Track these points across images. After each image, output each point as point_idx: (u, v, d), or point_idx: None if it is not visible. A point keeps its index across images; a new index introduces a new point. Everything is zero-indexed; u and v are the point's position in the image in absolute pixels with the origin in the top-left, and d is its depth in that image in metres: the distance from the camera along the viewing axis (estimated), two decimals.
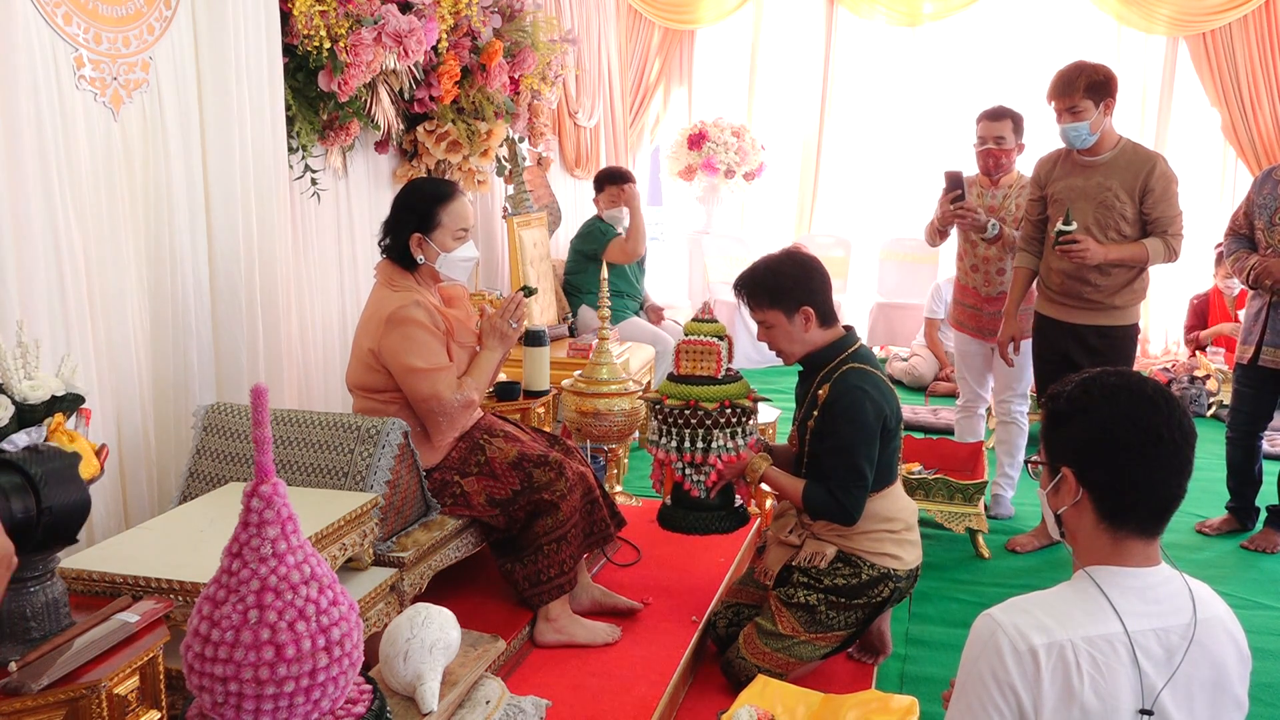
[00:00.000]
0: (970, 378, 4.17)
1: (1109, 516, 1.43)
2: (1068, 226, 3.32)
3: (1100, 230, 3.39)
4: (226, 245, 2.75)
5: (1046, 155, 3.61)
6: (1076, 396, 1.46)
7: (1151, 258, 3.38)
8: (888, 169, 7.40)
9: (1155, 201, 3.35)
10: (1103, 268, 3.39)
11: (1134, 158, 3.39)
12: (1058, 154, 3.56)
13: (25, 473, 1.42)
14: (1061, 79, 3.36)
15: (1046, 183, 3.56)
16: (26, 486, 1.42)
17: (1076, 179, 3.45)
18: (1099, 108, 3.32)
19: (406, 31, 3.23)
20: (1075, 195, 3.43)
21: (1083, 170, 3.44)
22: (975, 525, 3.68)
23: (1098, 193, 3.40)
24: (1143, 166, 3.36)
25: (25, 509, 1.41)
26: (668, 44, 7.41)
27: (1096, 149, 3.40)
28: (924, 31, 7.04)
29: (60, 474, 1.47)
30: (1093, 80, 3.30)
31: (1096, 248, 3.32)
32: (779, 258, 2.66)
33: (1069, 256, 3.34)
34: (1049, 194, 3.55)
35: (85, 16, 2.30)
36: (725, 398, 2.68)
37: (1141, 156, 3.39)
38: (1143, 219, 3.40)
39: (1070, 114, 3.34)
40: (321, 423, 2.40)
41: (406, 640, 1.92)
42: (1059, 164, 3.53)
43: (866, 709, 2.22)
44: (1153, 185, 3.34)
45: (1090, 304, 3.48)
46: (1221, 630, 1.44)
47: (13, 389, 1.82)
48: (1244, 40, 6.42)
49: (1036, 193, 3.61)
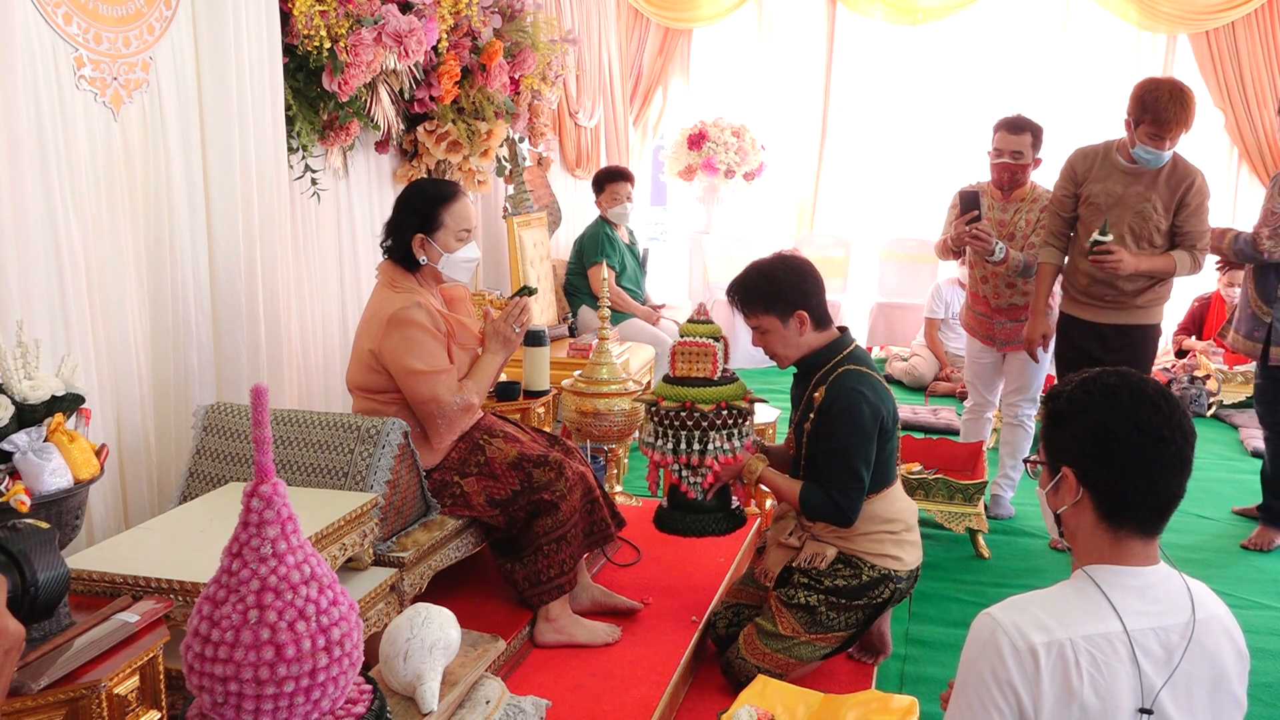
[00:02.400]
0: (980, 384, 4.15)
1: (1109, 516, 1.44)
2: (1103, 237, 3.27)
3: (1134, 239, 3.36)
4: (227, 245, 2.76)
5: (1085, 149, 3.52)
6: (1077, 396, 1.46)
7: (1178, 270, 3.36)
8: (888, 169, 7.39)
9: (1189, 216, 3.33)
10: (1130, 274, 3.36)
11: (1175, 171, 3.35)
12: (1097, 151, 3.48)
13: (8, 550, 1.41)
14: (1185, 109, 3.24)
15: (1083, 181, 3.48)
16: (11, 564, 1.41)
17: (1116, 184, 3.39)
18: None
19: (407, 31, 3.23)
20: (1113, 202, 3.38)
21: (1124, 176, 3.38)
22: (975, 525, 3.68)
23: (1136, 202, 3.35)
24: (1182, 181, 3.33)
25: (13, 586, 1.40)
26: (668, 43, 7.41)
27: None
28: (924, 30, 7.03)
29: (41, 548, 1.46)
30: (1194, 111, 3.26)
31: (1129, 259, 3.29)
32: (772, 262, 2.65)
33: (1102, 267, 3.30)
34: (1083, 193, 3.48)
35: (85, 16, 2.30)
36: (721, 399, 2.68)
37: (1182, 171, 3.35)
38: (1173, 231, 3.37)
39: (1167, 141, 3.27)
40: (321, 423, 2.40)
41: (406, 640, 1.92)
42: (1098, 163, 3.45)
43: (866, 709, 2.22)
44: (1189, 200, 3.32)
45: (1114, 304, 3.47)
46: (1220, 629, 1.44)
47: (13, 389, 1.82)
48: (1247, 39, 6.40)
49: (1070, 189, 3.53)
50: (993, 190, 3.89)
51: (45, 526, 1.49)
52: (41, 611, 1.46)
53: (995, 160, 3.81)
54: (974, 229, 3.70)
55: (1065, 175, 3.56)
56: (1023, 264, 3.75)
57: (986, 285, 3.93)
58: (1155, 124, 3.25)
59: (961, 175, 5.23)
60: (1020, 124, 3.78)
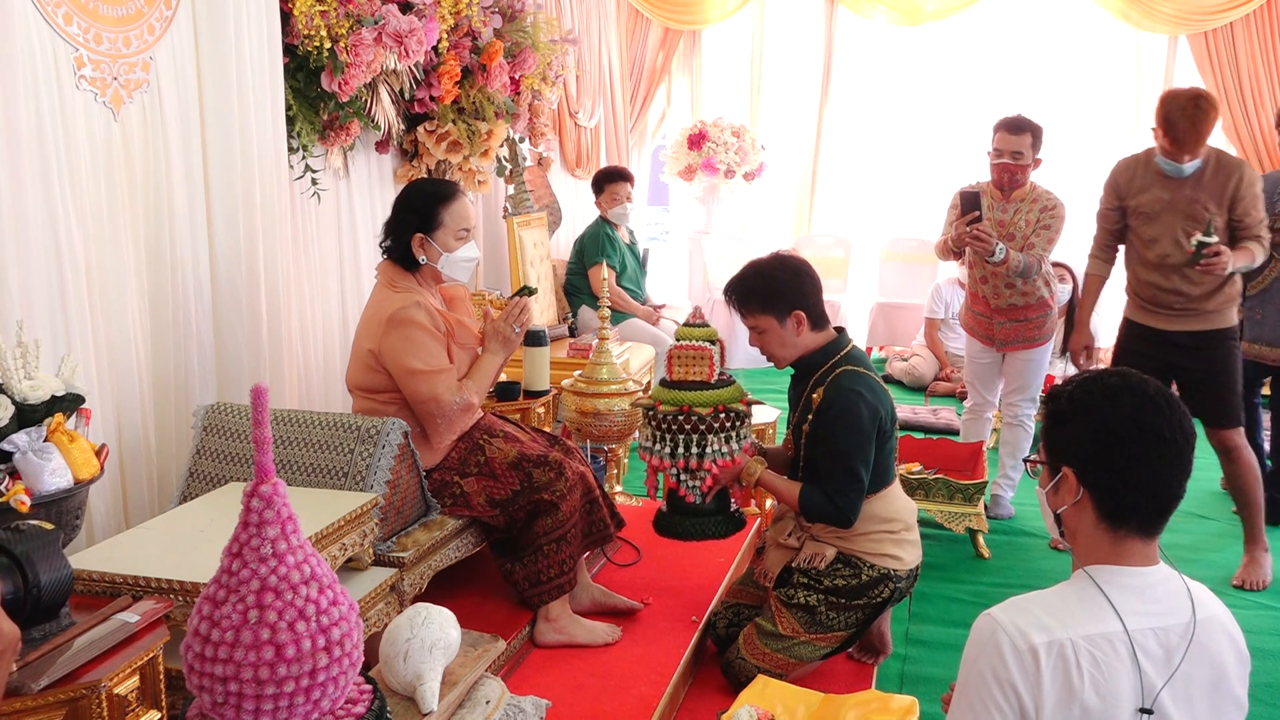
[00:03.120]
0: (979, 384, 4.14)
1: (1109, 516, 1.44)
2: (1208, 238, 3.21)
3: (1189, 240, 3.30)
4: (227, 245, 2.76)
5: (1126, 161, 3.51)
6: (1077, 396, 1.47)
7: (1256, 259, 3.34)
8: (888, 169, 7.39)
9: (1246, 208, 3.31)
10: (1189, 275, 3.33)
11: (1219, 168, 3.32)
12: (1137, 160, 3.46)
13: (10, 552, 1.41)
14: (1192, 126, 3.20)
15: (1127, 194, 3.47)
16: (13, 566, 1.40)
17: (1161, 190, 3.37)
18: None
19: (407, 31, 3.23)
20: (1162, 208, 3.36)
21: (1168, 181, 3.36)
22: (975, 525, 3.68)
23: (1186, 205, 3.32)
24: (1230, 176, 3.31)
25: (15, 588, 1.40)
26: (668, 44, 7.41)
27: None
28: (924, 30, 7.03)
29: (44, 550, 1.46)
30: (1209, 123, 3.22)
31: (1229, 255, 3.22)
32: (769, 262, 2.64)
33: (1210, 271, 3.24)
34: (1130, 205, 3.45)
35: (85, 16, 2.30)
36: (719, 402, 2.67)
37: (1226, 166, 3.33)
38: (1231, 225, 3.34)
39: (1176, 155, 3.25)
40: (321, 423, 2.40)
41: (406, 640, 1.92)
42: (1140, 172, 3.43)
43: (866, 709, 2.22)
44: (1242, 193, 3.30)
45: (1184, 311, 3.42)
46: (1220, 630, 1.44)
47: (13, 389, 1.82)
48: (1246, 39, 6.39)
49: (1114, 202, 3.52)
50: (992, 190, 3.86)
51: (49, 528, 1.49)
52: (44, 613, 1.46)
53: (995, 160, 3.79)
54: (975, 230, 3.67)
55: (1109, 189, 3.55)
56: (1023, 265, 3.72)
57: (986, 285, 3.92)
58: (1169, 139, 3.25)
59: (961, 175, 5.22)
60: (1020, 124, 3.76)
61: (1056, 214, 3.76)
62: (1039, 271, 3.79)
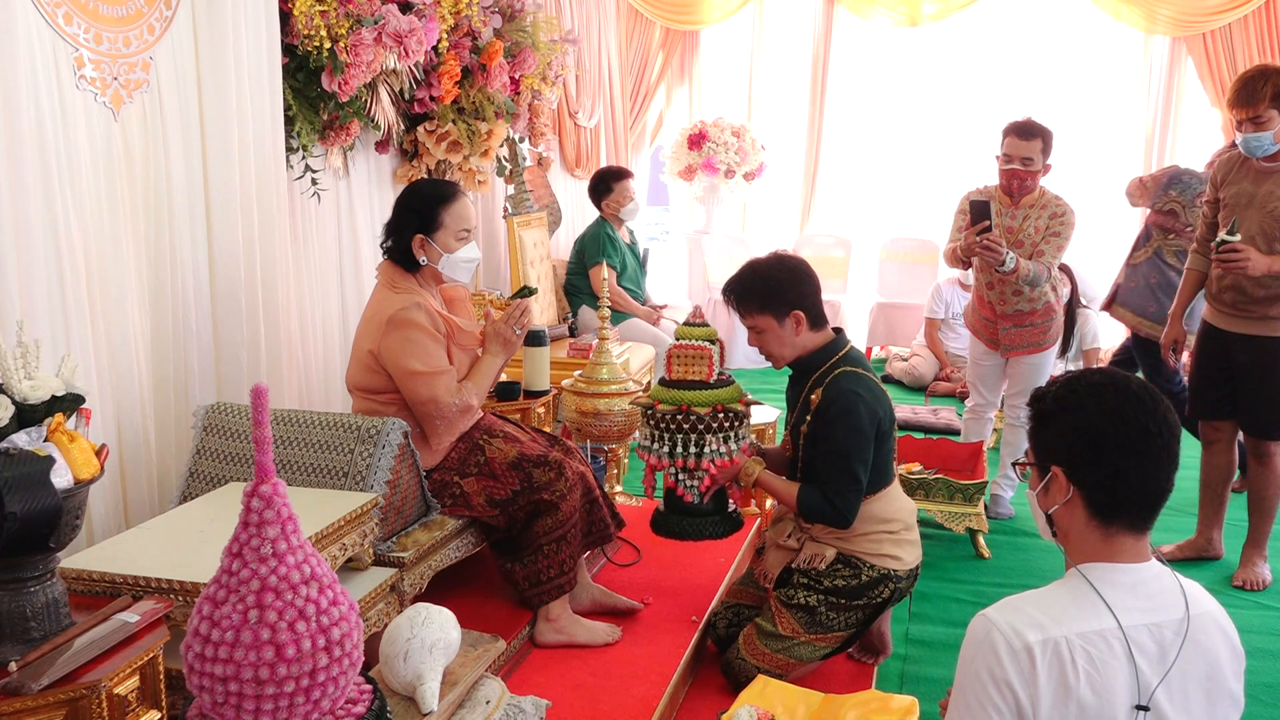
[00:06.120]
0: (982, 385, 4.12)
1: (1100, 513, 1.45)
2: (1230, 236, 3.14)
3: (1265, 240, 3.18)
4: (227, 245, 2.76)
5: (1227, 155, 3.42)
6: (1063, 395, 1.49)
7: None
8: (888, 169, 7.39)
9: None
10: (1260, 277, 3.21)
11: None
12: (1235, 154, 3.36)
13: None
14: (1245, 86, 3.11)
15: (1222, 185, 3.37)
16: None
17: (1248, 185, 3.27)
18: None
19: (407, 31, 3.24)
20: (1245, 202, 3.25)
21: (1257, 176, 3.25)
22: (975, 525, 3.69)
23: (1267, 201, 3.19)
24: None
25: None
26: (668, 44, 7.41)
27: (1277, 155, 3.18)
28: (924, 31, 7.03)
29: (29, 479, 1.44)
30: (1279, 88, 3.07)
31: (1259, 258, 3.11)
32: (768, 262, 2.64)
33: (1229, 268, 3.17)
34: (1223, 198, 3.36)
35: (85, 16, 2.31)
36: (718, 402, 2.67)
37: None
38: None
39: (1253, 124, 3.12)
40: (321, 423, 2.40)
41: (406, 640, 1.92)
42: (1235, 166, 3.34)
43: (866, 709, 2.22)
44: None
45: (1242, 311, 3.32)
46: (1214, 626, 1.45)
47: (13, 389, 1.82)
48: (1244, 40, 6.39)
49: (1212, 194, 3.43)
50: (1000, 196, 3.77)
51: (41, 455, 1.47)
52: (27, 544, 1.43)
53: (1004, 166, 3.69)
54: (985, 240, 3.57)
55: (1210, 182, 3.47)
56: (1033, 274, 3.64)
57: (992, 291, 3.87)
58: (1235, 108, 3.17)
59: (961, 175, 5.23)
60: (1031, 129, 3.65)
61: (1066, 220, 3.70)
62: (1048, 279, 3.74)
